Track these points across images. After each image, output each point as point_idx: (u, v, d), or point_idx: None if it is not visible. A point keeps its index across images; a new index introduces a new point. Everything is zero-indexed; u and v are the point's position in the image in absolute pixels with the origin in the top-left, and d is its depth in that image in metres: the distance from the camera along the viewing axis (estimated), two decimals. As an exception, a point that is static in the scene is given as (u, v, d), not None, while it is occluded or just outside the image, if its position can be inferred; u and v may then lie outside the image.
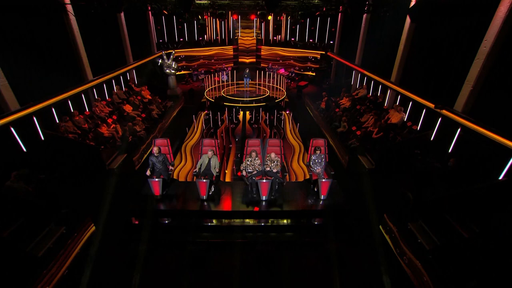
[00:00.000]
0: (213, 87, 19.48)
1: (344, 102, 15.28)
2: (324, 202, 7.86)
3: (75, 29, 11.52)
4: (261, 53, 25.29)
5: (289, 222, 7.61)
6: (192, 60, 23.98)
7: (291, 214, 7.68)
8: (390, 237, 7.28)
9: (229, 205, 7.79)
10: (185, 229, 7.42)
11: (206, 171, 8.21)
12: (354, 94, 15.76)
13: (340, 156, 11.41)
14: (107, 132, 11.07)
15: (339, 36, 20.35)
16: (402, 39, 11.90)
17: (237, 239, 7.24)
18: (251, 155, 8.25)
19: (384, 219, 7.59)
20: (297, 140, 12.86)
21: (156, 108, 14.71)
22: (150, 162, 8.11)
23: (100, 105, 12.75)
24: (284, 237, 7.37)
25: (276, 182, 8.03)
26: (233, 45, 25.10)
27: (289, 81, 22.52)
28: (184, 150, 11.85)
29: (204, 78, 21.23)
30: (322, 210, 7.67)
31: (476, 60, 8.19)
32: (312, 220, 7.69)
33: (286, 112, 16.09)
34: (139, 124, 12.24)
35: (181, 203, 7.87)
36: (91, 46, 12.66)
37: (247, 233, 7.41)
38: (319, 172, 8.32)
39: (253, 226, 7.52)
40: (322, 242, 7.22)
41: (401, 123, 11.24)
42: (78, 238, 6.98)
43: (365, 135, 11.35)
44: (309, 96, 18.15)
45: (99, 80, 13.05)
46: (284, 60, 24.52)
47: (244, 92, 18.81)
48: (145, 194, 8.00)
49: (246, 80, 20.17)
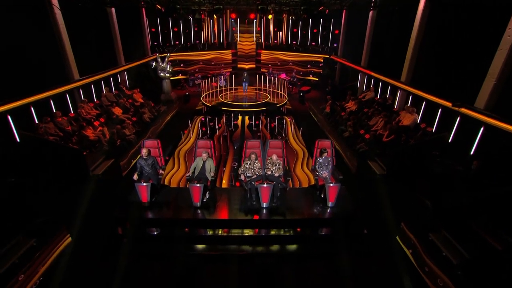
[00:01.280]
0: (210, 92, 19.36)
1: (350, 106, 14.89)
2: (332, 210, 7.41)
3: (60, 24, 11.18)
4: (261, 58, 25.10)
5: (292, 232, 7.15)
6: (189, 65, 23.73)
7: (295, 223, 7.24)
8: (409, 248, 6.70)
9: (225, 213, 7.34)
10: (176, 240, 6.96)
11: (200, 176, 7.78)
12: (360, 97, 15.41)
13: (348, 161, 10.96)
14: (93, 135, 10.62)
15: (343, 37, 20.24)
16: (413, 35, 11.62)
17: (234, 251, 6.80)
18: (250, 158, 7.81)
19: (401, 229, 7.02)
20: (300, 145, 12.43)
21: (148, 111, 14.28)
22: (138, 165, 7.70)
23: (87, 107, 12.32)
24: (287, 249, 6.92)
25: (278, 187, 7.61)
26: (232, 49, 24.84)
27: (290, 86, 22.19)
28: (178, 155, 11.37)
29: (200, 83, 20.94)
30: (330, 219, 7.23)
31: (499, 51, 7.75)
32: (319, 229, 7.26)
33: (288, 118, 15.84)
34: (128, 127, 11.80)
35: (171, 211, 7.44)
36: (79, 44, 12.34)
37: (246, 244, 6.96)
38: (326, 177, 7.86)
39: (253, 237, 7.04)
40: (331, 254, 6.78)
41: (414, 125, 10.82)
42: (50, 251, 6.36)
43: (374, 138, 10.87)
44: (312, 101, 17.93)
45: (86, 80, 12.69)
46: (285, 64, 24.40)
47: (243, 98, 18.70)
48: (132, 201, 7.54)
49: (245, 84, 19.97)
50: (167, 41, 22.81)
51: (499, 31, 7.76)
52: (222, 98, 18.69)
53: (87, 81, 12.82)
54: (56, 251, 6.50)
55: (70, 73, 11.94)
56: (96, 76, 13.47)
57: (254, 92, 20.05)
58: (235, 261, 6.60)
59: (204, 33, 24.06)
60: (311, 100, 18.43)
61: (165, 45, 22.44)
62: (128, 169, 10.38)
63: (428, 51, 11.26)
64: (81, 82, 12.33)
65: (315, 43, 23.49)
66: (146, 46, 20.34)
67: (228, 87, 21.13)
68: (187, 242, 6.96)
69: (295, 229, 7.21)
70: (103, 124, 11.57)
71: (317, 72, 23.16)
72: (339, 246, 6.81)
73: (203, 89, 19.51)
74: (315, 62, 23.11)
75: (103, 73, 14.03)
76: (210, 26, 24.18)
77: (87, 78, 12.78)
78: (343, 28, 20.13)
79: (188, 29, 23.46)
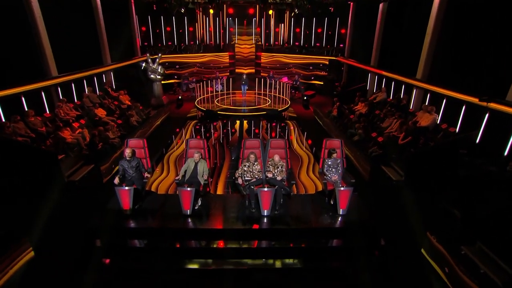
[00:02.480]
0: (205, 97, 19.37)
1: (359, 108, 14.61)
2: (344, 218, 7.08)
3: (36, 14, 10.88)
4: (261, 61, 24.99)
5: (298, 244, 6.77)
6: (182, 68, 23.60)
7: (300, 234, 6.89)
8: (438, 263, 6.18)
9: (220, 223, 6.98)
10: (162, 253, 6.58)
11: (191, 179, 7.41)
12: (371, 98, 15.20)
13: (359, 166, 10.59)
14: (70, 137, 10.21)
15: (350, 36, 20.16)
16: (429, 27, 11.39)
17: (230, 266, 6.44)
18: (249, 159, 7.52)
19: (427, 240, 6.54)
20: (305, 150, 12.20)
21: (136, 114, 13.94)
22: (120, 167, 7.37)
23: (65, 107, 11.94)
24: (291, 264, 6.56)
25: (281, 192, 7.24)
26: (229, 52, 24.71)
27: (293, 91, 21.97)
28: (167, 160, 11.02)
29: (195, 87, 20.82)
30: (342, 228, 6.92)
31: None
32: (328, 241, 6.92)
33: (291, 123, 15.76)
34: (113, 130, 11.45)
35: (157, 220, 7.07)
36: (58, 38, 12.06)
37: (243, 258, 6.60)
38: (336, 180, 7.48)
39: (251, 250, 6.75)
40: (343, 269, 6.46)
41: (433, 126, 10.53)
42: (4, 267, 5.78)
43: (388, 140, 10.48)
44: (317, 105, 17.75)
45: (66, 77, 12.36)
46: (286, 68, 24.29)
47: (241, 102, 18.77)
48: (112, 208, 7.19)
49: (244, 87, 19.83)
50: (158, 41, 22.74)
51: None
52: (218, 103, 18.61)
53: (67, 79, 12.48)
54: (12, 267, 5.95)
55: (47, 69, 11.62)
56: (78, 74, 13.14)
57: (254, 96, 20.00)
58: (231, 278, 6.27)
59: (198, 33, 23.93)
60: (316, 104, 18.28)
61: (157, 46, 22.36)
62: (110, 175, 9.94)
63: (447, 43, 11.01)
64: (59, 80, 11.97)
65: (320, 44, 23.36)
66: (135, 45, 20.17)
67: (225, 91, 21.03)
68: (174, 256, 6.64)
69: (301, 240, 6.86)
70: (83, 126, 11.18)
71: (322, 75, 22.98)
72: (354, 260, 6.47)
73: (198, 94, 19.42)
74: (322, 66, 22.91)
75: (85, 71, 13.74)
76: (206, 26, 24.06)
77: (67, 75, 12.43)
78: (350, 25, 20.00)
79: (182, 29, 23.34)
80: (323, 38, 23.13)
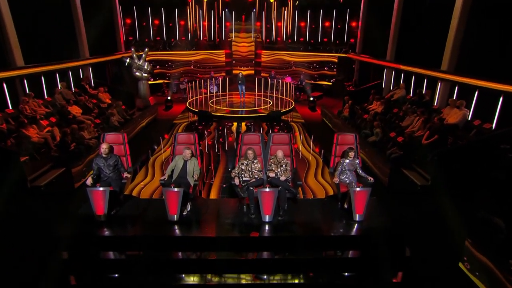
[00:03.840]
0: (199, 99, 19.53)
1: (374, 107, 14.51)
2: (361, 225, 6.90)
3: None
4: (262, 60, 25.09)
5: (305, 255, 6.60)
6: (169, 66, 23.66)
7: (308, 243, 6.71)
8: (481, 279, 5.83)
9: (212, 230, 6.74)
10: (142, 267, 6.38)
11: (179, 180, 7.22)
12: (387, 96, 15.20)
13: (376, 169, 10.44)
14: (37, 136, 10.01)
15: (362, 28, 20.27)
16: (456, 9, 11.32)
17: (223, 281, 6.27)
18: (247, 156, 7.41)
19: (467, 253, 6.20)
20: (312, 153, 12.19)
21: (118, 114, 13.66)
22: (95, 165, 7.18)
23: (33, 103, 11.75)
24: (298, 279, 6.38)
25: (286, 194, 7.00)
26: (226, 49, 24.79)
27: (298, 92, 21.91)
28: (153, 164, 10.87)
29: (186, 87, 20.82)
30: (359, 237, 6.75)
31: None
32: (343, 252, 6.74)
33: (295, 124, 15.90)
34: (89, 129, 11.24)
35: (138, 227, 6.88)
36: (27, 23, 12.06)
37: (241, 272, 6.42)
38: (352, 181, 7.27)
39: (249, 262, 6.51)
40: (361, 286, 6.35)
41: (463, 122, 10.37)
42: None
43: (410, 139, 10.29)
44: (326, 107, 17.65)
45: (34, 69, 12.29)
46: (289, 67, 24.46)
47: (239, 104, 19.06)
48: (83, 214, 7.01)
49: (241, 88, 19.90)
50: (145, 35, 22.80)
51: None
52: (213, 105, 18.74)
53: (35, 71, 12.36)
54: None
55: (11, 58, 11.50)
56: (49, 66, 13.04)
57: (254, 97, 20.21)
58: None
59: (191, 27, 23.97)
60: (323, 106, 18.27)
61: (143, 41, 22.38)
62: (83, 180, 9.63)
63: (478, 25, 10.91)
64: (25, 71, 11.86)
65: (328, 40, 23.44)
66: (118, 39, 20.22)
67: (220, 93, 21.19)
68: (157, 270, 6.40)
69: (309, 251, 6.69)
70: (53, 124, 10.97)
71: (330, 74, 23.09)
72: (374, 275, 6.27)
73: (189, 95, 19.52)
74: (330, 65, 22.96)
75: (58, 63, 13.64)
76: (200, 19, 24.10)
77: (35, 66, 12.33)
78: (362, 17, 20.11)
79: (172, 22, 23.37)
80: (331, 33, 23.20)
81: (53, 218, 7.56)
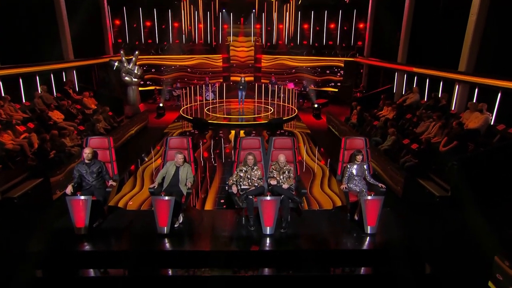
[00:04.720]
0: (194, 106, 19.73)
1: (385, 113, 14.46)
2: (373, 239, 6.86)
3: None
4: (262, 65, 25.32)
5: (311, 272, 6.45)
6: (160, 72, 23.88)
7: (315, 259, 6.58)
8: None
9: (207, 243, 6.75)
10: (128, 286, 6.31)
11: (170, 188, 7.20)
12: (399, 101, 15.23)
13: (389, 179, 10.30)
14: (12, 143, 9.90)
15: (370, 31, 20.40)
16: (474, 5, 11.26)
17: None
18: (246, 162, 7.35)
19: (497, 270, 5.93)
20: (317, 162, 12.23)
21: (104, 120, 13.57)
22: (76, 172, 7.17)
23: (8, 107, 11.66)
24: None
25: (289, 204, 6.92)
26: (223, 54, 25.04)
27: (301, 100, 21.97)
28: (142, 174, 10.83)
29: (180, 94, 21.04)
30: (371, 251, 6.73)
31: None
32: (353, 268, 6.65)
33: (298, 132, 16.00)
34: (71, 136, 11.20)
35: (123, 242, 6.96)
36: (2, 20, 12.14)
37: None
38: (362, 189, 7.19)
39: (249, 279, 6.39)
40: None
41: (485, 127, 10.28)
42: None
43: (426, 147, 10.24)
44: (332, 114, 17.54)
45: (10, 70, 12.29)
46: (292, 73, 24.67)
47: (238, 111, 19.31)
48: (61, 227, 6.95)
49: (241, 93, 20.10)
50: (135, 38, 22.96)
51: None
52: (209, 112, 18.88)
53: (11, 72, 12.35)
54: None
55: None
56: (27, 68, 13.06)
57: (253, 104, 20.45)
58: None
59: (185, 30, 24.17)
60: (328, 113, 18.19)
61: (134, 44, 22.49)
62: (63, 190, 9.47)
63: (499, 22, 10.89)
64: (1, 72, 11.85)
65: (333, 43, 23.61)
66: (106, 41, 20.34)
67: (217, 100, 21.40)
68: None
69: (315, 267, 6.53)
70: (31, 130, 10.90)
71: (336, 80, 23.28)
72: None
73: (183, 103, 19.71)
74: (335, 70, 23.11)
75: (38, 65, 13.69)
76: (195, 21, 24.32)
77: (11, 67, 12.35)
78: (371, 17, 20.27)
79: (165, 24, 23.59)
80: (337, 35, 23.37)
81: (26, 233, 7.34)
